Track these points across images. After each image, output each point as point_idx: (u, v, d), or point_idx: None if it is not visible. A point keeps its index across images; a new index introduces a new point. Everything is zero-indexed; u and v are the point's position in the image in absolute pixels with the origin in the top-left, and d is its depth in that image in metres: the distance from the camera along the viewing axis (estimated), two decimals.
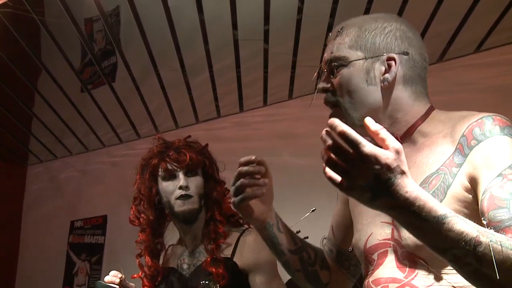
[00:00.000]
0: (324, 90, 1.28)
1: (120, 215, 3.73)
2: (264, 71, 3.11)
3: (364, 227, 1.27)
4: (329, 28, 2.57)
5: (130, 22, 2.86)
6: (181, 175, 1.97)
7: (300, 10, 2.55)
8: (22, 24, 2.85)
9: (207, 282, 1.85)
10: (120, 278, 1.79)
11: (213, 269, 1.86)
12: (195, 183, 1.98)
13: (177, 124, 3.73)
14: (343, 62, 1.24)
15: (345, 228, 1.47)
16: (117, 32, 3.82)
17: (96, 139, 3.98)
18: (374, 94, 1.24)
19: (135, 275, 2.07)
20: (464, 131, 1.13)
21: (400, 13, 2.47)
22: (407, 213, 0.91)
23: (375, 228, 1.24)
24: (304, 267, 1.45)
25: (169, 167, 1.98)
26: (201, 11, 2.57)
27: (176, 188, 1.95)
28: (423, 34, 2.69)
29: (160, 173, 2.01)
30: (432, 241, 0.94)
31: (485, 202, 1.03)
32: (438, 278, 1.11)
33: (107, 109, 3.59)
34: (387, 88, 1.23)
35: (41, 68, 3.27)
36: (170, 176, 1.98)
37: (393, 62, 1.24)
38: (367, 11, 2.45)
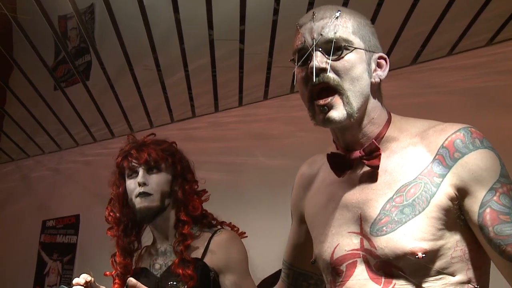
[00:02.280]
0: (322, 70, 1.17)
1: (93, 215, 3.69)
2: (240, 72, 3.10)
3: (329, 238, 1.25)
4: None
5: (105, 20, 2.83)
6: (140, 171, 1.96)
7: (276, 11, 2.55)
8: None
9: (175, 282, 1.84)
10: (88, 281, 1.75)
11: (181, 271, 1.85)
12: (156, 180, 1.97)
13: (152, 123, 3.69)
14: (349, 46, 1.18)
15: (301, 247, 1.46)
16: (92, 30, 3.78)
17: (69, 137, 3.92)
18: (368, 87, 1.21)
19: (108, 273, 2.07)
20: (444, 142, 1.15)
21: (375, 16, 2.48)
22: None
23: (342, 238, 1.22)
24: None
25: (130, 164, 1.98)
26: (177, 11, 2.55)
27: (137, 186, 1.95)
28: (397, 37, 2.71)
29: (126, 171, 2.01)
30: None
31: (487, 216, 1.08)
32: (416, 287, 1.11)
33: (80, 108, 3.54)
34: (374, 85, 1.23)
35: (13, 65, 3.20)
36: (133, 173, 1.99)
37: (384, 62, 1.24)
38: None
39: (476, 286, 1.13)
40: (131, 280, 1.33)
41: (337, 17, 1.20)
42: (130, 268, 2.01)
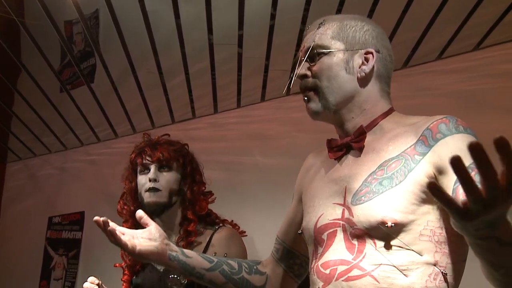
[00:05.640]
0: (303, 76, 1.31)
1: (97, 212, 3.66)
2: (238, 75, 3.09)
3: (316, 209, 1.29)
4: (301, 34, 2.57)
5: (109, 25, 2.82)
6: (152, 168, 1.99)
7: (273, 17, 2.55)
8: (1, 24, 2.78)
9: (175, 276, 1.85)
10: (97, 285, 1.75)
11: None
12: (166, 178, 2.00)
13: (154, 124, 3.68)
14: (324, 50, 1.29)
15: (295, 226, 1.48)
16: (96, 34, 3.76)
17: (75, 137, 3.91)
18: (351, 82, 1.28)
19: (117, 264, 2.09)
20: (429, 125, 1.18)
21: None
22: (496, 241, 0.88)
23: (327, 209, 1.25)
24: (229, 277, 1.44)
25: (143, 161, 2.01)
26: (178, 16, 2.54)
27: (147, 181, 1.97)
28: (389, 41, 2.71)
29: (138, 167, 2.03)
30: (496, 260, 0.94)
31: (459, 191, 1.06)
32: (385, 259, 1.12)
33: (85, 109, 3.53)
34: (362, 79, 1.28)
35: (21, 68, 3.19)
36: (145, 169, 2.02)
37: (370, 56, 1.29)
38: None
39: (443, 271, 1.12)
40: (139, 212, 1.33)
41: (319, 27, 1.32)
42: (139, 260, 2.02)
